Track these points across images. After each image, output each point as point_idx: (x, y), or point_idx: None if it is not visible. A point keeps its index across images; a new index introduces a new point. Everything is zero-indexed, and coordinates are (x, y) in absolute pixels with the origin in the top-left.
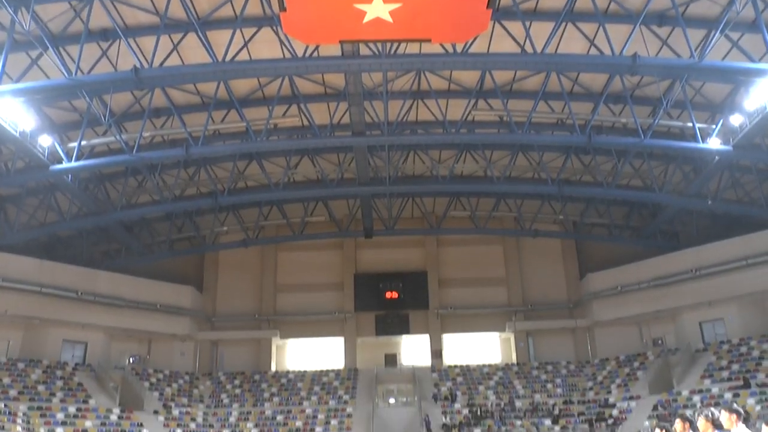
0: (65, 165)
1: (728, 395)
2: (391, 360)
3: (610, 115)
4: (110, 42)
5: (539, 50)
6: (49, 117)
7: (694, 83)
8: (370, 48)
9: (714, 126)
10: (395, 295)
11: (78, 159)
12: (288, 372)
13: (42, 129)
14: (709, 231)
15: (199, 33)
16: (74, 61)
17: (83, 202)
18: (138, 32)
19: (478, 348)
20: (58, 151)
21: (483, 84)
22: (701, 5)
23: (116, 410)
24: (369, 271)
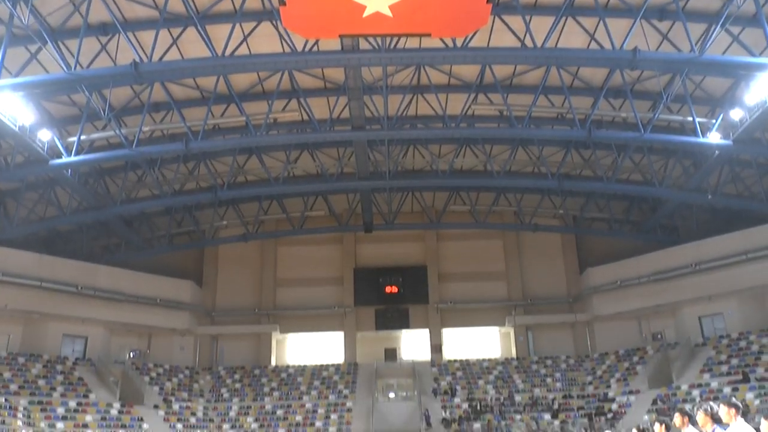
0: (65, 159)
1: (727, 389)
2: (391, 354)
3: (610, 109)
4: (109, 36)
5: (539, 44)
6: (49, 111)
7: (695, 77)
8: (369, 42)
9: (714, 120)
10: (395, 289)
11: (77, 153)
12: (288, 366)
13: (41, 123)
14: (709, 225)
15: (198, 27)
16: (73, 56)
17: (83, 197)
18: (137, 26)
19: (478, 342)
20: (57, 146)
21: (483, 78)
22: None
23: (116, 404)
24: (369, 266)
